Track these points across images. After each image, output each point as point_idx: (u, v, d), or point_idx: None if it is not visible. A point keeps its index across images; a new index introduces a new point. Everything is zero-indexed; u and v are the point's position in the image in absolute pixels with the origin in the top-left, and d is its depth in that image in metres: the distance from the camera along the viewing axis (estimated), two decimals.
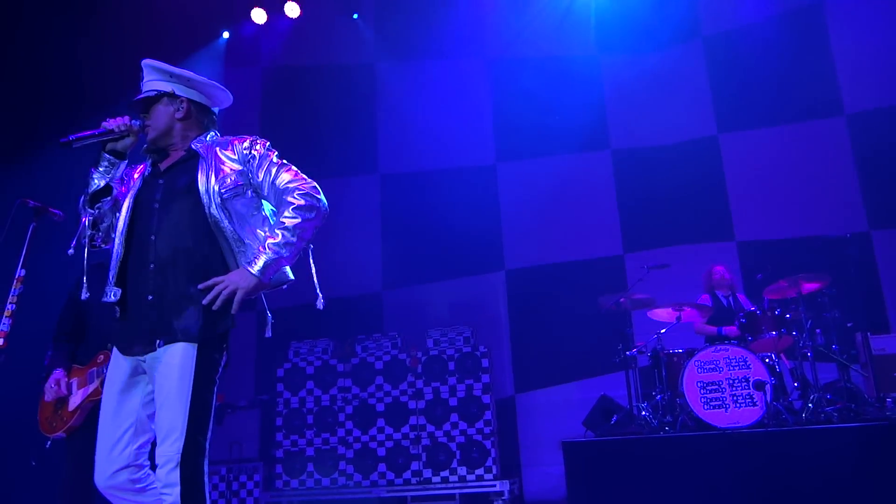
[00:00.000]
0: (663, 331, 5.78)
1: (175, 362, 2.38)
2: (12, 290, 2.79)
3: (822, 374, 5.48)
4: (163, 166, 2.66)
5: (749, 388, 4.97)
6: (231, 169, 2.58)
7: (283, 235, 2.48)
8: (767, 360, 5.21)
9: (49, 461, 3.52)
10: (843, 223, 6.59)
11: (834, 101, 7.21)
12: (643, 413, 5.40)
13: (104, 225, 2.63)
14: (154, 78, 2.67)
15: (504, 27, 8.28)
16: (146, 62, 2.70)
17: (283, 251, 2.47)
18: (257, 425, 7.14)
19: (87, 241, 2.62)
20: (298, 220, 2.50)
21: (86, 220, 2.62)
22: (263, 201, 2.66)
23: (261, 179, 2.60)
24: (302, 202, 2.53)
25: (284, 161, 2.66)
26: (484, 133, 8.18)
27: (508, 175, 8.05)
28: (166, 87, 2.64)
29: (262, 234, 2.54)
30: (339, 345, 7.06)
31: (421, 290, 7.88)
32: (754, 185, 7.39)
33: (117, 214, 2.59)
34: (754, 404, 4.93)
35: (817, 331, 5.60)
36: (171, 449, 2.32)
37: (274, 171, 2.60)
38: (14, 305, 2.81)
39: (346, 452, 6.60)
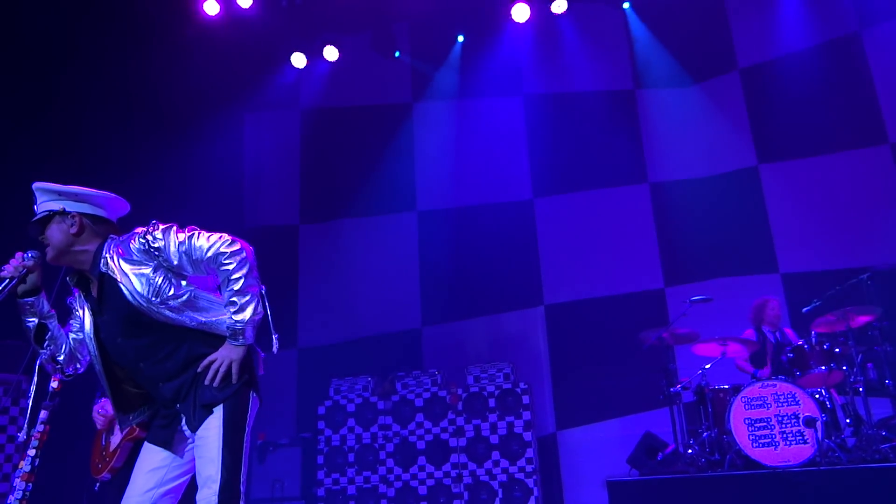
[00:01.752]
0: (708, 366, 5.66)
1: (208, 421, 2.56)
2: None
3: (876, 410, 5.30)
4: (94, 294, 2.68)
5: (799, 425, 4.83)
6: (142, 274, 2.58)
7: (237, 301, 2.59)
8: (817, 396, 5.06)
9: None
10: (892, 253, 6.42)
11: (877, 130, 7.09)
12: (690, 451, 5.27)
13: (63, 356, 2.75)
14: (44, 199, 2.67)
15: (539, 64, 8.37)
16: (35, 186, 2.71)
17: (247, 313, 2.59)
18: (299, 463, 7.14)
19: (59, 373, 2.79)
20: (241, 283, 2.58)
21: (41, 359, 2.75)
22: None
23: (176, 263, 2.59)
24: (231, 265, 2.57)
25: (185, 230, 2.63)
26: (521, 168, 8.23)
27: (546, 210, 8.06)
28: (56, 205, 2.65)
29: (219, 301, 2.65)
30: (380, 382, 7.07)
31: (460, 326, 7.88)
32: (797, 216, 7.26)
33: (86, 355, 2.73)
34: (805, 442, 4.79)
35: (869, 365, 5.41)
36: (208, 492, 2.48)
37: (185, 248, 2.58)
38: None
39: (387, 491, 6.57)
